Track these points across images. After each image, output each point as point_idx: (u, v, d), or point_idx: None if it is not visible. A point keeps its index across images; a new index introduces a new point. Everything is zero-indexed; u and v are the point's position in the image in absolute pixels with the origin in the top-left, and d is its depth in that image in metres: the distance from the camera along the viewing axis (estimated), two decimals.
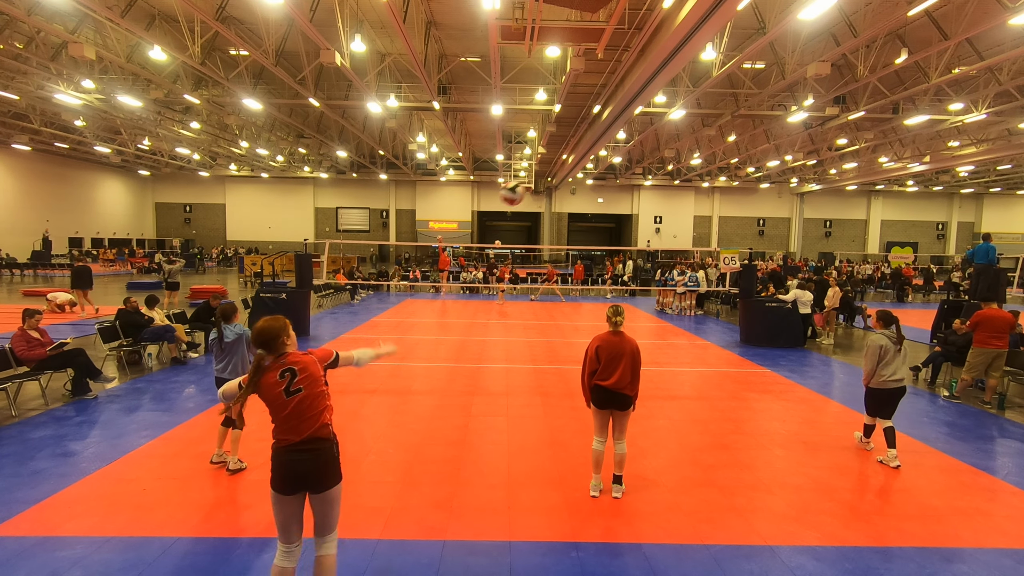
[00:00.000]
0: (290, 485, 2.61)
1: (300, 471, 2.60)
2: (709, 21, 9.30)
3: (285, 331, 2.75)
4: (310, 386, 2.66)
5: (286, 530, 2.67)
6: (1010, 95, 18.06)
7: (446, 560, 3.47)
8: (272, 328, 2.71)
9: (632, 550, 3.63)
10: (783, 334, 11.17)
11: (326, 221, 41.75)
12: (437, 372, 8.52)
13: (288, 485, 2.61)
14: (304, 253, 12.07)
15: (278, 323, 2.74)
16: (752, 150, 28.58)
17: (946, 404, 7.23)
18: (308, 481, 2.63)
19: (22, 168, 30.19)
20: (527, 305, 17.95)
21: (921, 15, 12.32)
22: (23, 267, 24.97)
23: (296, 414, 2.63)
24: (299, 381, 2.64)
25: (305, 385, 2.65)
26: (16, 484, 4.35)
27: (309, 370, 2.68)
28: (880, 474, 4.98)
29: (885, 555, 3.63)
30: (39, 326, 6.86)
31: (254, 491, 4.34)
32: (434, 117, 24.21)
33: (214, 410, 6.36)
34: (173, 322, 9.10)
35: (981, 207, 42.14)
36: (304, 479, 2.62)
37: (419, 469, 4.83)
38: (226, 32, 12.78)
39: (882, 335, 5.10)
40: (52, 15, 13.68)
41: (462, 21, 15.37)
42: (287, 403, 2.62)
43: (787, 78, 15.67)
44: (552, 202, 41.48)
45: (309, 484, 2.63)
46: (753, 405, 7.10)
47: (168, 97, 19.40)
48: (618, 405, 4.24)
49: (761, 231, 42.68)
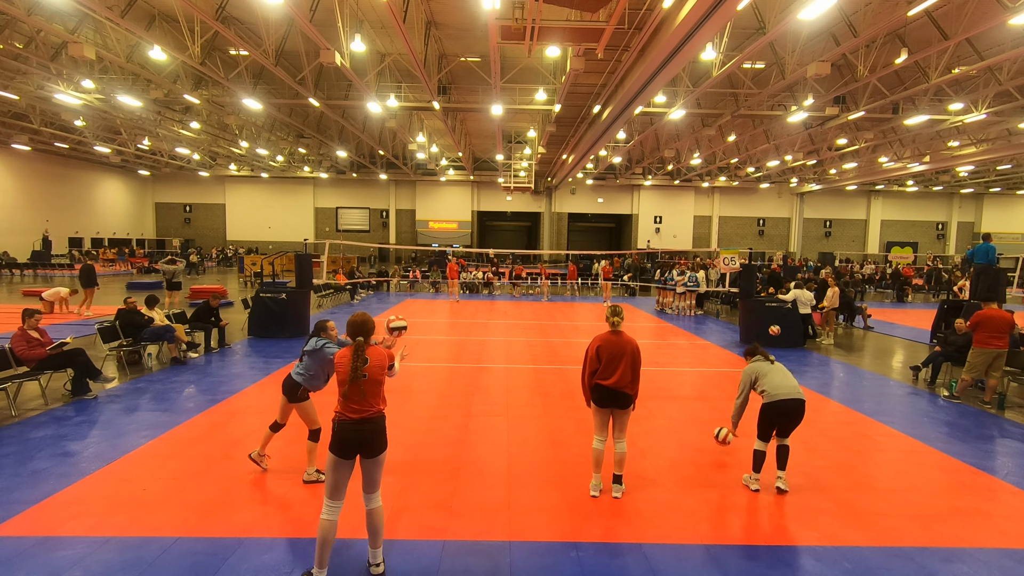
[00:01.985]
0: (350, 451, 3.14)
1: (359, 439, 3.14)
2: (709, 21, 9.29)
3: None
4: (375, 373, 3.24)
5: (338, 488, 3.15)
6: (1010, 95, 18.05)
7: (446, 560, 3.47)
8: (370, 322, 3.36)
9: (632, 550, 3.63)
10: (783, 334, 11.13)
11: (326, 221, 41.75)
12: (437, 372, 8.52)
13: (348, 451, 3.14)
14: (304, 253, 12.07)
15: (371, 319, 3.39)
16: (752, 150, 28.58)
17: (946, 404, 7.23)
18: (364, 447, 3.16)
19: (22, 168, 30.19)
20: (527, 305, 17.95)
21: (921, 15, 12.32)
22: (23, 267, 24.98)
23: (362, 393, 3.18)
24: (367, 368, 3.19)
25: (370, 372, 3.21)
26: (16, 484, 4.35)
27: (376, 361, 3.26)
28: (880, 474, 4.97)
29: (885, 555, 3.63)
30: (39, 326, 6.86)
31: (254, 491, 4.34)
32: (434, 117, 24.20)
33: (216, 410, 6.36)
34: (173, 322, 9.10)
35: (981, 207, 42.13)
36: (361, 446, 3.16)
37: (419, 469, 4.83)
38: (226, 32, 12.78)
39: (752, 364, 4.72)
40: (52, 15, 13.68)
41: (462, 21, 15.37)
42: (358, 384, 3.15)
43: (787, 78, 15.67)
44: (552, 202, 41.48)
45: (364, 450, 3.17)
46: (753, 405, 7.08)
47: (168, 97, 19.40)
48: (618, 404, 4.25)
49: (761, 231, 42.67)
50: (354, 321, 3.32)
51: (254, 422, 6.01)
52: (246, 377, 7.92)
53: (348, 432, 3.12)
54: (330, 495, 3.15)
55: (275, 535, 3.70)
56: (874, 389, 7.96)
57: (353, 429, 3.12)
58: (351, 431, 3.12)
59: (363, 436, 3.13)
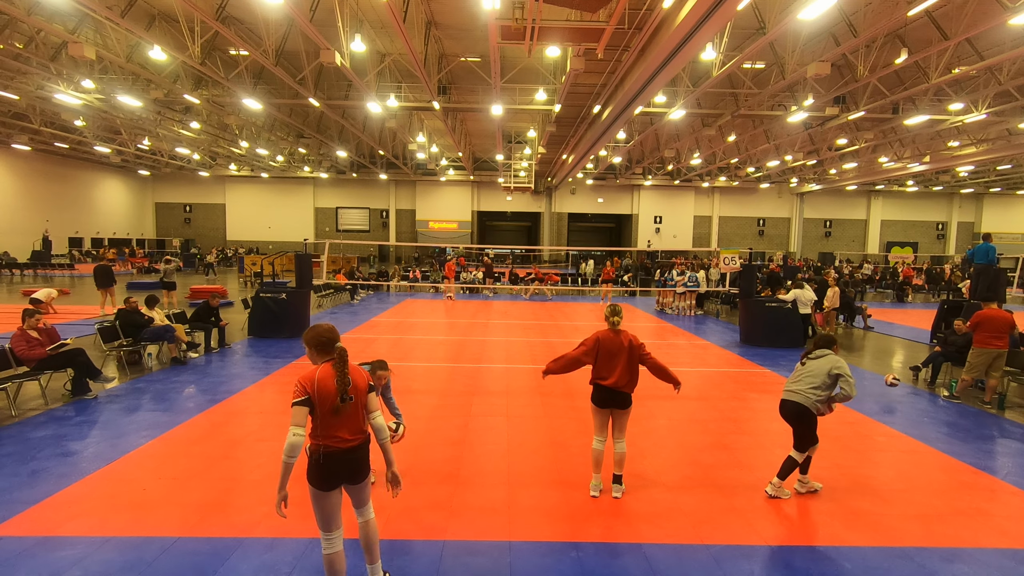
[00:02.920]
0: (335, 482, 2.84)
1: (344, 471, 2.85)
2: (709, 21, 9.29)
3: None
4: (360, 394, 2.89)
5: (332, 518, 2.85)
6: (1010, 95, 18.05)
7: (446, 560, 3.47)
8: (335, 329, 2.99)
9: (632, 550, 3.63)
10: (783, 334, 11.16)
11: (326, 221, 41.74)
12: (437, 372, 8.52)
13: (333, 482, 2.83)
14: (304, 253, 12.07)
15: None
16: (752, 150, 28.58)
17: (946, 404, 7.23)
18: (352, 476, 2.89)
19: (22, 168, 30.18)
20: (527, 305, 17.96)
21: (921, 15, 12.32)
22: (23, 267, 24.98)
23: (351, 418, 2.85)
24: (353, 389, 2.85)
25: (356, 393, 2.86)
26: (16, 484, 4.35)
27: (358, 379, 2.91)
28: (881, 474, 4.97)
29: (885, 555, 3.63)
30: (45, 325, 6.86)
31: (254, 491, 4.34)
32: (434, 117, 24.20)
33: (216, 410, 6.36)
34: (173, 322, 9.10)
35: (981, 207, 42.13)
36: (349, 476, 2.88)
37: (419, 469, 4.82)
38: (226, 32, 12.78)
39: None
40: (52, 15, 13.68)
41: (462, 21, 15.37)
42: (346, 407, 2.81)
43: (787, 78, 15.66)
44: (552, 202, 41.47)
45: (351, 478, 2.89)
46: (753, 405, 7.10)
47: (168, 97, 19.39)
48: (618, 404, 4.25)
49: (761, 231, 42.67)
50: (318, 335, 2.89)
51: (254, 422, 6.01)
52: (246, 377, 7.92)
53: (337, 464, 2.79)
54: (325, 527, 2.85)
55: (275, 535, 3.69)
56: (874, 389, 7.95)
57: (344, 459, 2.80)
58: (340, 462, 2.80)
59: (352, 466, 2.84)
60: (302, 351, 9.76)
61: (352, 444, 2.81)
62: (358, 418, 2.86)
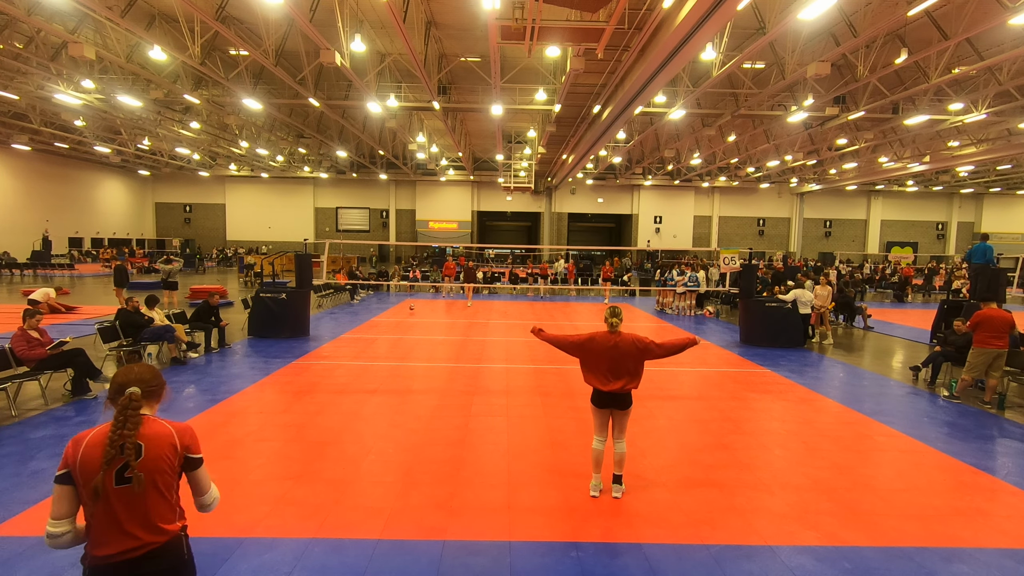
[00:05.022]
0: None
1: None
2: (709, 21, 9.29)
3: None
4: (156, 471, 1.94)
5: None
6: (1010, 95, 18.05)
7: (446, 560, 3.47)
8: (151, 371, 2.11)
9: (632, 550, 3.63)
10: (783, 334, 11.17)
11: (326, 221, 41.75)
12: (437, 372, 8.52)
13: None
14: (304, 253, 12.07)
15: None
16: (752, 150, 28.58)
17: (946, 404, 7.23)
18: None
19: (22, 168, 30.18)
20: (527, 305, 17.96)
21: (921, 15, 12.32)
22: (23, 267, 24.98)
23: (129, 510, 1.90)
24: (142, 463, 1.89)
25: (148, 469, 1.91)
26: (16, 484, 4.35)
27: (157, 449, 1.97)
28: (880, 474, 4.97)
29: (885, 555, 3.63)
30: (39, 326, 6.86)
31: (254, 491, 4.34)
32: (434, 117, 24.20)
33: (216, 410, 6.36)
34: (173, 322, 9.10)
35: (981, 207, 42.13)
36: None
37: (419, 469, 4.82)
38: (226, 32, 12.78)
39: None
40: (52, 15, 13.67)
41: (462, 21, 15.37)
42: (120, 494, 1.89)
43: (787, 78, 15.66)
44: (552, 202, 41.48)
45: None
46: (753, 405, 7.10)
47: (168, 97, 19.39)
48: (618, 405, 4.24)
49: (761, 231, 42.68)
50: (115, 379, 2.00)
51: (254, 422, 6.01)
52: (246, 377, 7.92)
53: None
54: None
55: (275, 535, 3.69)
56: (874, 389, 7.96)
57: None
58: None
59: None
60: (303, 351, 9.77)
61: (136, 551, 1.85)
62: (151, 507, 1.91)
